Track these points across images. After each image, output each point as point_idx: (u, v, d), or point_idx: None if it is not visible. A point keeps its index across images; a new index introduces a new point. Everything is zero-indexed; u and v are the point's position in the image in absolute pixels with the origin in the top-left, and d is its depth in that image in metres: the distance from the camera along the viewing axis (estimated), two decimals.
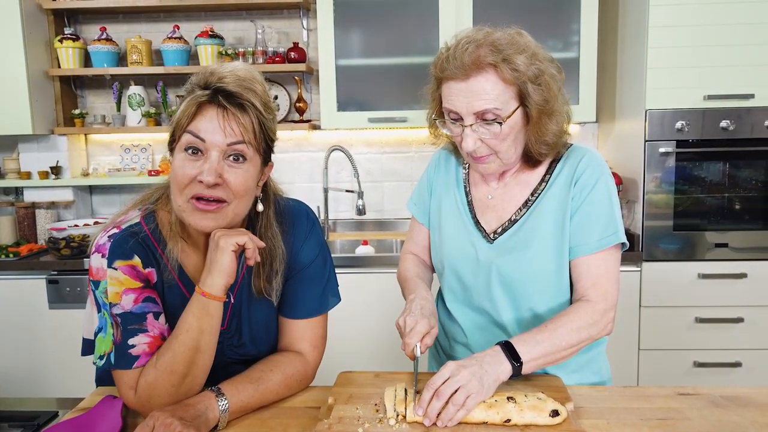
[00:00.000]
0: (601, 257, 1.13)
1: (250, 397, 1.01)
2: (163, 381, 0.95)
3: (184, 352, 0.95)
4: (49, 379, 2.49)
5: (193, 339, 0.95)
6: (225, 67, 0.99)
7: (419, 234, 1.36)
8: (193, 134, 0.96)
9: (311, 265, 1.15)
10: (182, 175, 0.96)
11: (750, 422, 0.96)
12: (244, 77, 0.98)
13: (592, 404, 1.03)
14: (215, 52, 2.74)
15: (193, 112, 0.96)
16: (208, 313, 0.96)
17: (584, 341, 1.08)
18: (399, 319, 1.09)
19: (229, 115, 0.96)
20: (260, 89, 1.01)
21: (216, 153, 0.96)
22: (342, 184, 2.95)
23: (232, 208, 1.00)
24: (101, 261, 1.00)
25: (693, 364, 2.40)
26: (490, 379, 0.96)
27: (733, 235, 2.36)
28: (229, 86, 0.96)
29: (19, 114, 2.63)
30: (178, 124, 0.97)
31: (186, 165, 0.96)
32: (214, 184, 0.96)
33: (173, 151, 1.00)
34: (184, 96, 1.00)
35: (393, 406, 0.95)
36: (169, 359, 0.95)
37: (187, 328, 0.96)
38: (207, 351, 0.98)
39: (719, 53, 2.28)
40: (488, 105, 1.06)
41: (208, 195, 0.97)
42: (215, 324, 0.98)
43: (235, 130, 0.96)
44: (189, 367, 0.95)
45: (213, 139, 0.95)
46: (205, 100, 0.96)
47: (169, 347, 0.96)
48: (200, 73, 1.00)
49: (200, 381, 0.99)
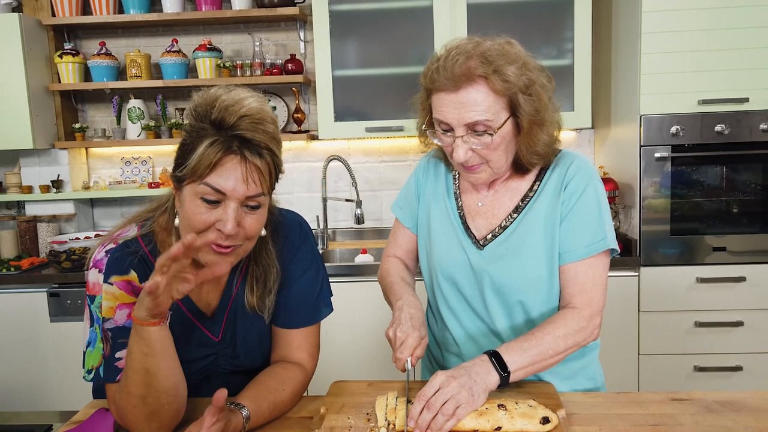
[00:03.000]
0: (588, 264, 1.14)
1: (266, 414, 1.02)
2: (125, 402, 0.94)
3: (133, 374, 0.93)
4: (50, 391, 2.50)
5: (138, 362, 0.92)
6: (239, 106, 0.95)
7: (403, 237, 1.36)
8: (212, 187, 0.93)
9: (304, 276, 1.16)
10: (199, 222, 0.94)
11: (743, 427, 0.96)
12: (259, 118, 0.96)
13: (585, 411, 1.03)
14: (213, 64, 2.77)
15: (212, 163, 0.93)
16: (142, 337, 0.91)
17: (571, 348, 1.08)
18: (389, 331, 1.09)
19: (250, 166, 0.94)
20: (272, 128, 0.98)
21: (235, 204, 0.95)
22: (340, 194, 2.97)
23: (244, 247, 1.00)
24: (98, 276, 1.02)
25: (693, 368, 2.39)
26: (479, 388, 0.96)
27: (731, 239, 2.36)
28: (246, 133, 0.94)
29: (20, 128, 2.66)
30: (194, 171, 0.93)
31: (202, 212, 0.94)
32: (234, 233, 0.95)
33: (182, 186, 0.97)
34: (191, 129, 0.97)
35: (384, 415, 0.96)
36: (124, 381, 0.95)
37: (129, 351, 0.93)
38: (159, 372, 0.92)
39: (713, 58, 2.29)
40: (479, 116, 1.06)
41: (227, 243, 0.96)
42: (157, 348, 0.91)
43: (256, 181, 0.95)
44: (146, 389, 0.92)
45: (234, 193, 0.94)
46: (225, 152, 0.93)
47: (125, 370, 0.95)
48: (209, 102, 0.96)
49: (165, 401, 0.95)
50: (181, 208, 0.98)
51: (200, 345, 1.10)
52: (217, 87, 1.00)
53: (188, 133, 0.98)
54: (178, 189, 0.99)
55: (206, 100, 0.97)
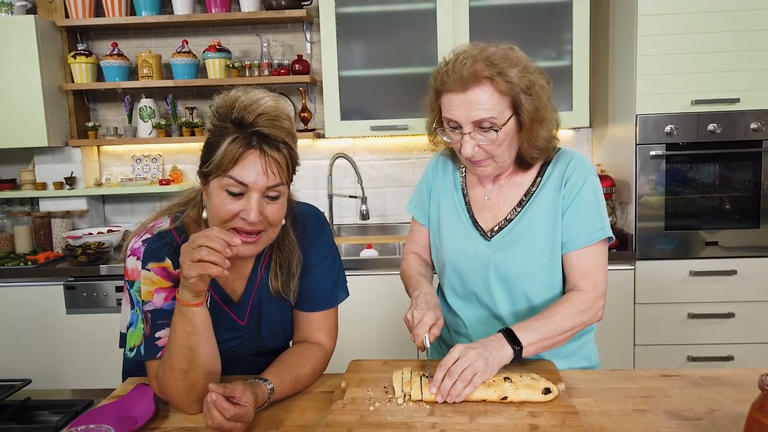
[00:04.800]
0: (590, 251, 1.24)
1: (289, 387, 1.11)
2: (167, 376, 1.04)
3: (177, 351, 1.03)
4: (66, 381, 2.58)
5: (181, 339, 1.02)
6: (257, 105, 1.04)
7: (419, 234, 1.46)
8: (235, 180, 1.03)
9: (322, 263, 1.25)
10: (225, 212, 1.05)
11: (725, 398, 1.05)
12: (275, 115, 1.05)
13: (583, 385, 1.13)
14: (223, 65, 2.86)
15: (235, 158, 1.02)
16: (186, 317, 1.01)
17: (578, 326, 1.18)
18: (407, 314, 1.19)
19: (269, 159, 1.03)
20: (288, 124, 1.08)
21: (257, 194, 1.04)
22: (346, 191, 3.06)
23: (268, 234, 1.10)
24: (136, 263, 1.11)
25: (687, 358, 2.49)
26: (494, 360, 1.06)
27: (723, 234, 2.46)
28: (264, 129, 1.03)
29: (34, 127, 2.75)
30: (219, 166, 1.03)
31: (228, 203, 1.04)
32: (257, 221, 1.05)
33: (209, 181, 1.07)
34: (215, 128, 1.06)
35: (401, 386, 1.05)
36: (167, 357, 1.05)
37: (174, 330, 1.03)
38: (200, 349, 1.03)
39: (706, 60, 2.39)
40: (485, 114, 1.16)
41: (250, 230, 1.06)
42: (199, 326, 1.02)
43: (274, 172, 1.04)
44: (188, 364, 1.03)
45: (255, 184, 1.03)
46: (245, 147, 1.02)
47: (167, 347, 1.05)
48: (230, 104, 1.05)
49: (204, 375, 1.04)
50: (209, 201, 1.08)
51: (228, 328, 1.19)
52: (237, 89, 1.09)
53: (212, 132, 1.07)
54: (205, 184, 1.09)
55: (227, 102, 1.07)
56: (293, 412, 1.07)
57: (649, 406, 1.03)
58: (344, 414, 0.99)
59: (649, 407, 1.03)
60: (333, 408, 1.02)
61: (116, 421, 0.99)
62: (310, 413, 1.06)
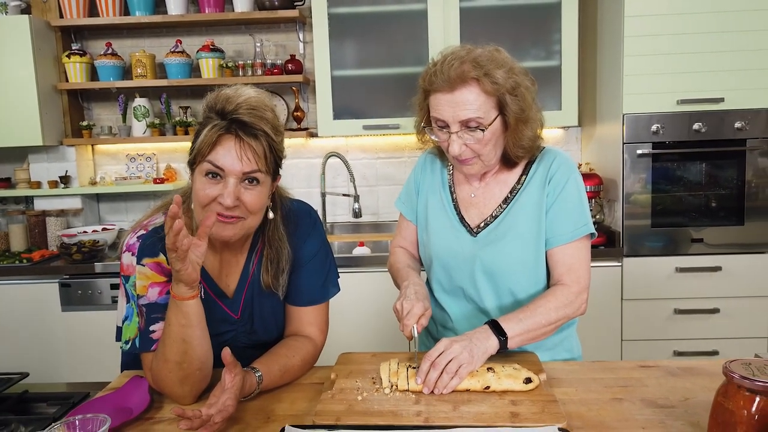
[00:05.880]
0: (574, 246, 1.28)
1: (278, 376, 1.14)
2: (161, 368, 1.08)
3: (171, 344, 1.06)
4: (61, 377, 2.60)
5: (176, 332, 1.05)
6: (239, 96, 1.09)
7: (407, 230, 1.49)
8: (212, 164, 1.07)
9: (313, 259, 1.28)
10: (204, 196, 1.09)
11: (700, 388, 1.10)
12: (255, 106, 1.09)
13: (564, 376, 1.17)
14: (216, 65, 2.89)
15: (212, 142, 1.07)
16: (181, 311, 1.04)
17: (561, 319, 1.22)
18: (396, 304, 1.23)
19: (244, 145, 1.07)
20: (270, 115, 1.12)
21: (233, 179, 1.08)
22: (339, 189, 3.09)
23: (248, 222, 1.13)
24: (131, 258, 1.14)
25: (673, 353, 2.54)
26: (479, 351, 1.10)
27: (708, 231, 2.51)
28: (243, 117, 1.08)
29: (29, 126, 2.77)
30: (199, 152, 1.08)
31: (207, 187, 1.09)
32: (233, 206, 1.09)
33: (194, 170, 1.12)
34: (202, 121, 1.11)
35: (388, 377, 1.09)
36: (161, 350, 1.08)
37: (169, 323, 1.06)
38: (194, 341, 1.05)
39: (690, 60, 2.43)
40: (472, 114, 1.20)
41: (228, 214, 1.09)
42: (193, 319, 1.05)
43: (250, 158, 1.08)
44: (181, 356, 1.06)
45: (231, 168, 1.07)
46: (223, 132, 1.07)
47: (162, 340, 1.08)
48: (216, 97, 1.11)
49: (197, 367, 1.07)
50: (193, 188, 1.12)
51: (222, 322, 1.22)
52: (228, 87, 1.13)
53: (199, 124, 1.13)
54: (191, 174, 1.13)
55: (214, 96, 1.12)
56: (284, 402, 1.10)
57: (626, 395, 1.07)
58: (333, 403, 1.03)
59: (626, 396, 1.07)
60: (322, 398, 1.05)
61: (112, 412, 1.02)
62: (301, 404, 1.09)
